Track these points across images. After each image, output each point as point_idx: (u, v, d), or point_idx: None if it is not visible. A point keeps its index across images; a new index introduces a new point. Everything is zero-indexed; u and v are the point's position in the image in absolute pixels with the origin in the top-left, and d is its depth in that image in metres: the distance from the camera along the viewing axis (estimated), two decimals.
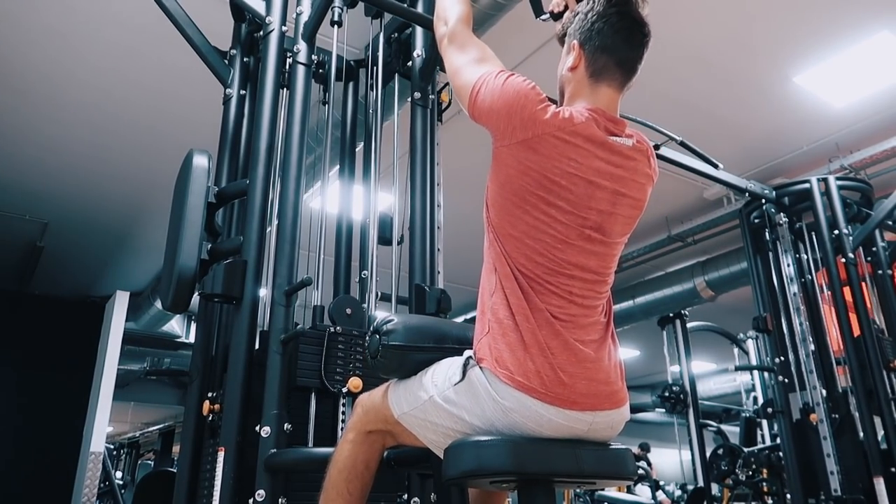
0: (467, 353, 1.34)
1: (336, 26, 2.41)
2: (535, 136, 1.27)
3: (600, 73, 1.39)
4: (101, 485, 6.41)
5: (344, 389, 1.98)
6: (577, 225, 1.30)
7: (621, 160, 1.34)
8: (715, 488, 6.23)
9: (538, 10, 1.77)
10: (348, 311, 2.10)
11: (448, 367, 1.34)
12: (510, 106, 1.29)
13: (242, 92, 2.58)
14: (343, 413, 2.01)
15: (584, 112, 1.33)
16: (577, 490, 7.16)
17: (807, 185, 4.26)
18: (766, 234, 4.39)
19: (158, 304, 6.63)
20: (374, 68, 2.58)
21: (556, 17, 1.59)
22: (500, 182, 1.33)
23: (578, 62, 1.41)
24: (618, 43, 1.38)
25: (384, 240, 2.42)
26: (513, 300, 1.29)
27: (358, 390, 1.96)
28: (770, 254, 4.37)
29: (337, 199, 2.82)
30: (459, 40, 1.52)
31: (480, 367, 1.28)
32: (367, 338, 1.44)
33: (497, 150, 1.34)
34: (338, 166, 2.94)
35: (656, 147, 3.76)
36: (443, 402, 1.30)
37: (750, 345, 6.95)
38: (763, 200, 4.37)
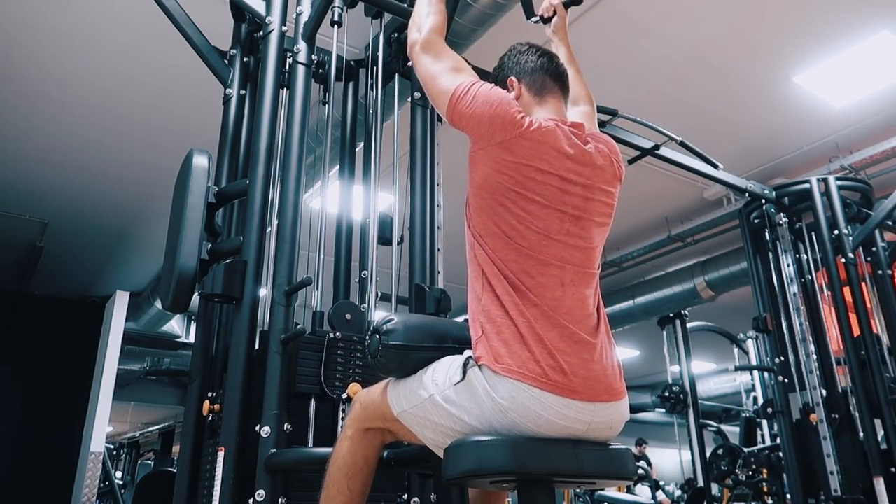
0: (467, 353, 1.35)
1: (336, 26, 2.41)
2: (511, 138, 1.37)
3: (542, 90, 1.56)
4: (101, 485, 6.42)
5: (343, 395, 1.99)
6: (557, 219, 1.37)
7: (586, 162, 1.44)
8: (715, 488, 6.23)
9: (529, 12, 1.93)
10: (348, 316, 2.12)
11: (448, 367, 1.34)
12: (493, 111, 1.40)
13: (242, 92, 2.58)
14: (342, 418, 2.01)
15: (548, 120, 1.45)
16: (577, 490, 7.16)
17: (807, 186, 4.26)
18: (766, 234, 4.39)
19: (158, 304, 6.63)
20: (374, 68, 2.58)
21: (546, 20, 1.75)
22: (477, 183, 1.42)
23: (520, 91, 1.56)
24: (545, 63, 1.59)
25: (384, 240, 2.42)
26: (504, 298, 1.31)
27: None
28: (770, 254, 4.37)
29: (337, 199, 2.82)
30: (435, 49, 1.61)
31: (479, 367, 1.28)
32: (367, 338, 1.44)
33: (474, 153, 1.43)
34: (338, 166, 2.94)
35: (656, 147, 3.77)
36: (443, 401, 1.30)
37: (750, 345, 6.95)
38: (763, 200, 4.37)
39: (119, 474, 12.18)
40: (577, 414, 1.25)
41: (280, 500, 1.79)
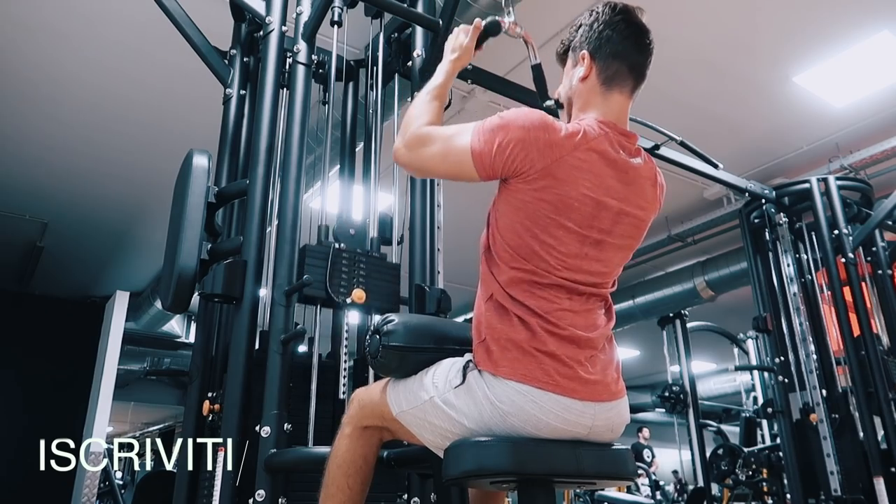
0: (468, 355, 1.35)
1: (336, 26, 2.41)
2: (553, 162, 1.26)
3: (612, 80, 1.40)
4: (101, 485, 6.41)
5: (348, 300, 2.06)
6: (577, 243, 1.30)
7: (628, 180, 1.35)
8: (715, 488, 6.23)
9: (543, 95, 1.70)
10: (351, 231, 2.22)
11: (449, 369, 1.34)
12: (524, 140, 1.26)
13: (242, 92, 2.58)
14: (346, 326, 2.17)
15: (595, 127, 1.33)
16: (577, 490, 7.16)
17: (807, 185, 4.26)
18: (766, 234, 4.38)
19: (158, 304, 6.63)
20: (374, 68, 2.58)
21: (561, 105, 1.53)
22: (514, 206, 1.31)
23: (589, 72, 1.41)
24: (628, 48, 1.40)
25: (384, 240, 2.42)
26: (509, 306, 1.30)
27: (361, 301, 2.05)
28: (770, 254, 4.36)
29: (337, 199, 2.82)
30: (421, 138, 1.38)
31: (479, 371, 1.28)
32: (367, 338, 1.44)
33: (512, 182, 1.31)
34: (338, 166, 2.94)
35: (656, 147, 3.76)
36: (443, 404, 1.30)
37: (750, 345, 6.95)
38: (763, 200, 4.36)
39: (119, 474, 12.17)
40: (577, 417, 1.25)
41: (280, 500, 1.79)
